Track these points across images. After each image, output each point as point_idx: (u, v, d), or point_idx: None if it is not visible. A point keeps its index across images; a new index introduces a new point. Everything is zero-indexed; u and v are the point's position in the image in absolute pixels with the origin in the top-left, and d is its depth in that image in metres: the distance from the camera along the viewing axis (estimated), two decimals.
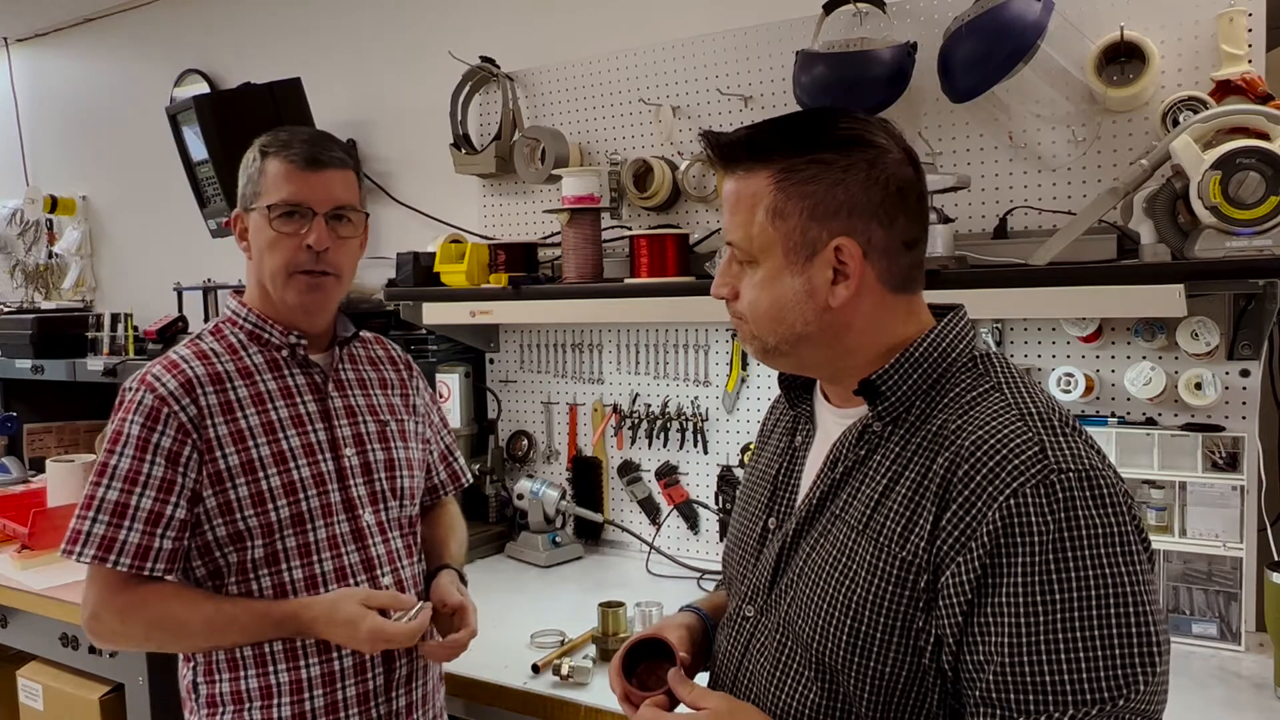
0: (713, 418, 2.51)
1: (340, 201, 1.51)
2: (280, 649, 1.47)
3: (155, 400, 1.45)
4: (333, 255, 1.51)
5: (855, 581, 1.01)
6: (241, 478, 1.46)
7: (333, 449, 1.54)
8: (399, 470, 1.61)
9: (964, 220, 2.11)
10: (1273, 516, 1.89)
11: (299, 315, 1.55)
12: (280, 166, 1.49)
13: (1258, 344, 1.84)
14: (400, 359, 1.75)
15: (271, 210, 1.48)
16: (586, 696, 1.77)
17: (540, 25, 2.79)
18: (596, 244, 2.40)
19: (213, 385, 1.48)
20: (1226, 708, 1.64)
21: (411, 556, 1.63)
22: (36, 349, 3.47)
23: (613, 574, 2.50)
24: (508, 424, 2.85)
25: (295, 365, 1.56)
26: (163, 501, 1.43)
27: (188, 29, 3.71)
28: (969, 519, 0.93)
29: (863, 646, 1.00)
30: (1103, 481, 0.93)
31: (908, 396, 1.04)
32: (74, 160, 4.19)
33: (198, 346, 1.54)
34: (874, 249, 1.02)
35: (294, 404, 1.53)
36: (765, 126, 1.05)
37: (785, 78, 2.20)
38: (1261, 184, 1.59)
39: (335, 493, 1.52)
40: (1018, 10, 1.85)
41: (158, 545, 1.43)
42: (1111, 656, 0.88)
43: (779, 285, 1.04)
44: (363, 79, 3.20)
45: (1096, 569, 0.89)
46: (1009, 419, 0.96)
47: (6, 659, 2.67)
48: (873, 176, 1.01)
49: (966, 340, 1.07)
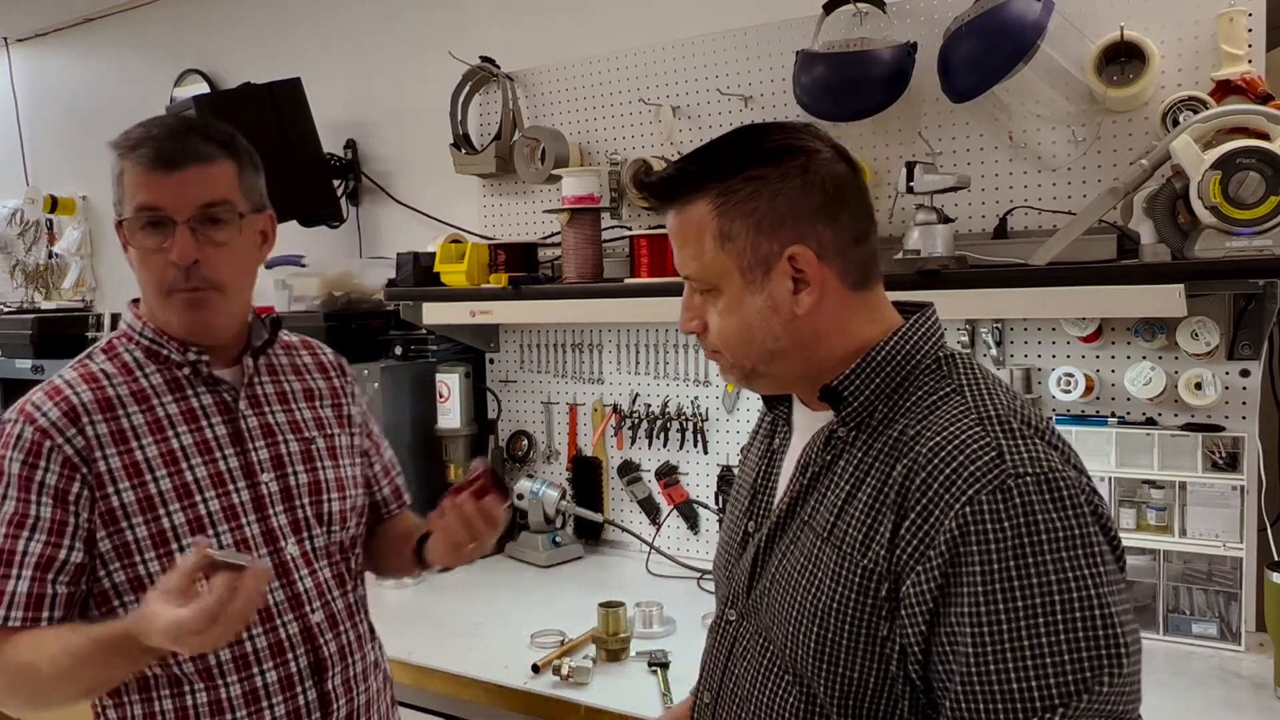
0: (713, 418, 2.51)
1: (204, 200, 1.29)
2: (204, 701, 1.31)
3: (35, 433, 1.27)
4: (206, 268, 1.30)
5: (821, 589, 1.01)
6: (139, 516, 1.28)
7: (247, 476, 1.36)
8: (326, 493, 1.43)
9: (964, 220, 2.11)
10: (1273, 516, 1.89)
11: (189, 336, 1.36)
12: (132, 170, 1.30)
13: (1258, 344, 1.84)
14: (332, 364, 1.56)
15: (128, 223, 1.30)
16: (586, 696, 1.76)
17: (540, 25, 2.79)
18: (596, 244, 2.40)
19: (101, 413, 1.30)
20: (1226, 708, 1.64)
21: (345, 585, 1.46)
22: (36, 349, 3.47)
23: (613, 574, 2.50)
24: (508, 424, 2.85)
25: (200, 384, 1.37)
26: (54, 545, 1.25)
27: (188, 29, 3.70)
28: (927, 527, 0.93)
29: (830, 654, 0.99)
30: (1062, 483, 0.91)
31: (870, 401, 1.03)
32: (74, 160, 4.19)
33: (86, 368, 1.35)
34: (827, 250, 1.02)
35: (199, 428, 1.35)
36: (693, 156, 1.06)
37: (785, 78, 2.20)
38: (1261, 184, 1.59)
39: (252, 525, 1.35)
40: (1018, 10, 1.85)
41: (51, 592, 1.25)
42: (1069, 658, 0.87)
43: (743, 307, 1.04)
44: (362, 79, 3.20)
45: (1055, 572, 0.88)
46: (966, 424, 0.96)
47: None
48: (808, 180, 1.02)
49: (933, 341, 1.06)
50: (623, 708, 1.71)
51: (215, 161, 1.32)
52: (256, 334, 1.44)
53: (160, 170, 1.28)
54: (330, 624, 1.41)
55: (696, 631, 2.06)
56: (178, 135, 1.31)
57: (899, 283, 1.86)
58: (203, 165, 1.30)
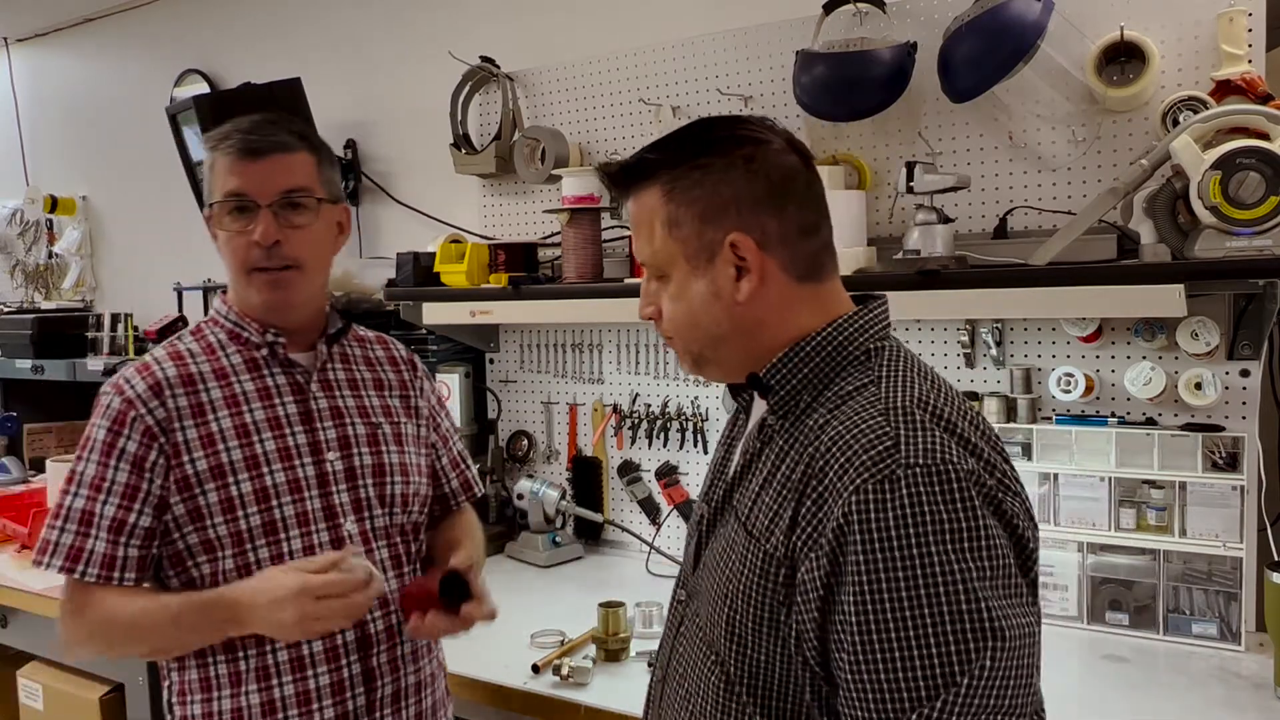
0: (712, 418, 2.51)
1: (285, 186, 1.41)
2: (253, 667, 1.40)
3: (122, 403, 1.39)
4: (287, 248, 1.42)
5: (733, 572, 1.03)
6: (210, 483, 1.38)
7: (313, 453, 1.45)
8: (389, 476, 1.51)
9: (964, 220, 2.11)
10: (1273, 516, 1.89)
11: (269, 314, 1.47)
12: (222, 160, 1.42)
13: (1258, 344, 1.84)
14: (403, 359, 1.66)
15: (216, 208, 1.42)
16: (586, 696, 1.77)
17: (540, 25, 2.79)
18: (596, 244, 2.40)
19: (184, 387, 1.42)
20: (1226, 708, 1.64)
21: (401, 568, 1.52)
22: (36, 349, 3.47)
23: (613, 574, 2.50)
24: (508, 424, 2.85)
25: (275, 365, 1.48)
26: (125, 509, 1.37)
27: (188, 29, 3.71)
28: (820, 515, 0.94)
29: (738, 635, 1.02)
30: (953, 474, 0.91)
31: (796, 390, 1.05)
32: (74, 160, 4.19)
33: (174, 347, 1.48)
34: (770, 239, 1.04)
35: (271, 405, 1.45)
36: (650, 146, 1.10)
37: (785, 78, 2.20)
38: (1261, 184, 1.59)
39: (314, 500, 1.44)
40: (1018, 10, 1.85)
41: (123, 554, 1.37)
42: (934, 651, 0.87)
43: (688, 292, 1.07)
44: (362, 79, 3.20)
45: (930, 564, 0.88)
46: (870, 415, 0.96)
47: (6, 659, 2.67)
48: (753, 170, 1.04)
49: (869, 333, 1.06)
50: (623, 708, 1.71)
51: (296, 151, 1.44)
52: (331, 322, 1.56)
53: (246, 158, 1.40)
54: (380, 603, 1.45)
55: None
56: (262, 128, 1.43)
57: (899, 283, 1.86)
58: (284, 154, 1.42)
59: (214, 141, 1.44)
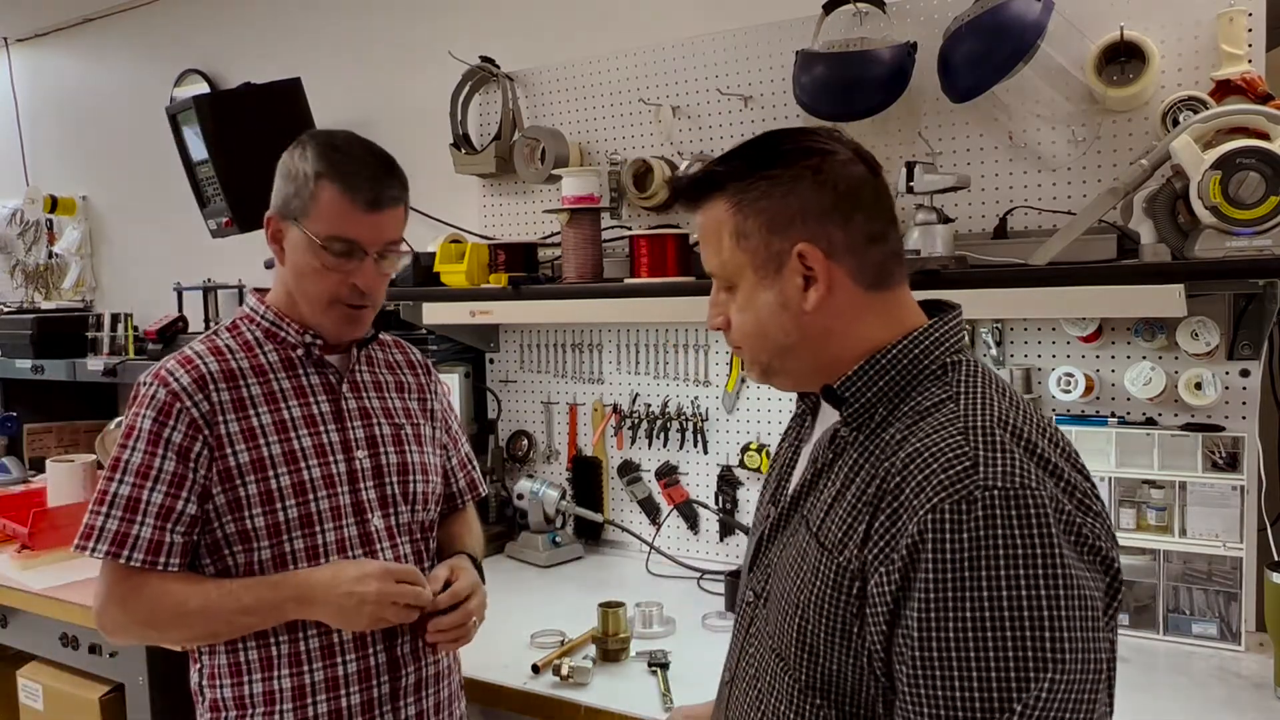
0: (713, 418, 2.51)
1: (390, 239, 1.50)
2: (285, 653, 1.46)
3: (168, 395, 1.44)
4: (373, 290, 1.51)
5: (804, 583, 1.03)
6: (251, 475, 1.44)
7: (344, 450, 1.52)
8: (412, 474, 1.58)
9: (964, 220, 2.11)
10: (1273, 516, 1.89)
11: (330, 336, 1.54)
12: (339, 199, 1.44)
13: (1258, 344, 1.84)
14: (420, 363, 1.73)
15: (321, 241, 1.45)
16: (586, 696, 1.77)
17: (540, 25, 2.79)
18: (596, 244, 2.40)
19: (226, 382, 1.47)
20: (1226, 708, 1.64)
21: (423, 563, 1.60)
22: (36, 349, 3.47)
23: (613, 574, 2.50)
24: (508, 424, 2.85)
25: (310, 365, 1.54)
26: (173, 496, 1.42)
27: (188, 29, 3.71)
28: (894, 530, 0.94)
29: (810, 645, 1.02)
30: (1032, 500, 0.90)
31: (871, 404, 1.05)
32: (74, 160, 4.19)
33: (213, 343, 1.53)
34: (837, 249, 1.04)
35: (307, 403, 1.52)
36: (718, 160, 1.11)
37: (785, 78, 2.20)
38: (1261, 184, 1.59)
39: (345, 495, 1.50)
40: (1018, 10, 1.85)
41: (169, 540, 1.41)
42: (985, 677, 0.87)
43: (756, 302, 1.08)
44: (363, 79, 3.20)
45: (999, 589, 0.87)
46: (950, 432, 0.96)
47: (6, 659, 2.67)
48: (820, 181, 1.04)
49: (945, 346, 1.06)
50: (623, 708, 1.71)
51: (401, 205, 1.52)
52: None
53: (369, 210, 1.45)
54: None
55: (696, 632, 2.06)
56: (381, 179, 1.48)
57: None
58: (395, 209, 1.50)
59: (333, 174, 1.44)
